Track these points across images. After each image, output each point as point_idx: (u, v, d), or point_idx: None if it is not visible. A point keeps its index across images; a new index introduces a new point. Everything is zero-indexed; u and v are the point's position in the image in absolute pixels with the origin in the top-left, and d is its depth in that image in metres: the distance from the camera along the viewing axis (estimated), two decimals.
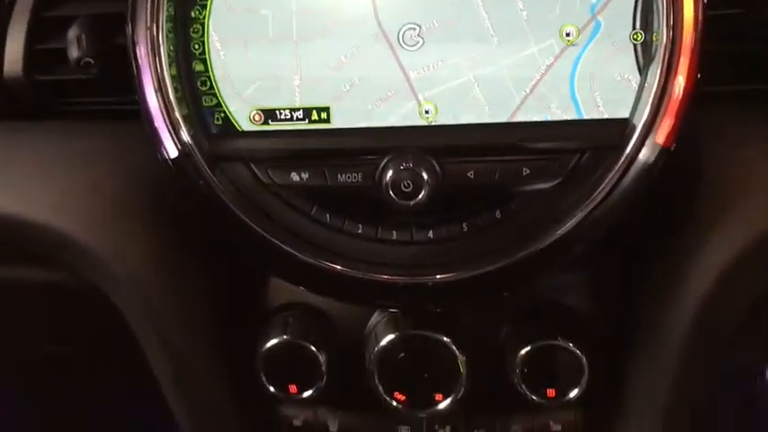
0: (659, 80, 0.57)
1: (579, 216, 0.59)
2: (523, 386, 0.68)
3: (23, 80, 0.70)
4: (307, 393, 0.71)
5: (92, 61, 0.67)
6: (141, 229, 0.67)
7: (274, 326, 0.72)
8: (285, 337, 0.70)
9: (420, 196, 0.59)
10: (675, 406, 0.69)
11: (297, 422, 0.78)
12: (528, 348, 0.67)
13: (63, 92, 0.72)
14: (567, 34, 0.59)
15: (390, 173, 0.59)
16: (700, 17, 0.57)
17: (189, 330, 0.71)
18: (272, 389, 0.71)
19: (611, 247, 0.64)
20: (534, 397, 0.68)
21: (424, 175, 0.58)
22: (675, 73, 0.57)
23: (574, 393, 0.68)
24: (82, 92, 0.71)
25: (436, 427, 0.75)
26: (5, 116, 0.73)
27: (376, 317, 0.72)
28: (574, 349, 0.67)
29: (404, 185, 0.59)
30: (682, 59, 0.57)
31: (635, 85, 0.59)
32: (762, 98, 0.66)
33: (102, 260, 0.66)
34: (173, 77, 0.61)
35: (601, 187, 0.59)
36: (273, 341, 0.70)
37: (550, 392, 0.68)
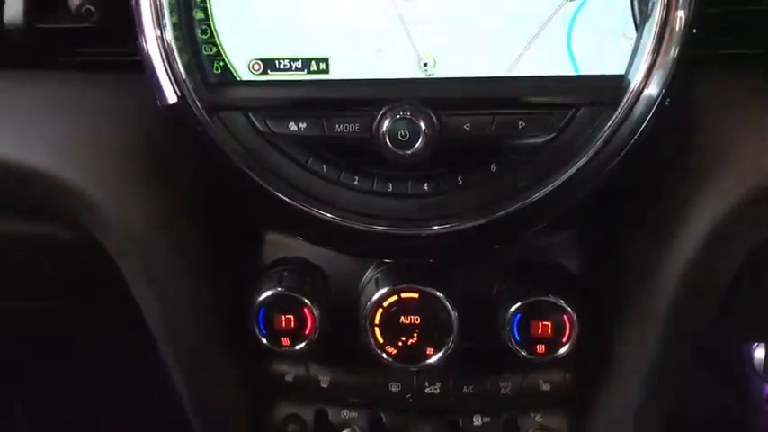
0: (655, 37, 0.58)
1: (573, 170, 0.60)
2: (514, 342, 0.69)
3: (23, 28, 0.70)
4: (299, 346, 0.72)
5: (92, 8, 0.67)
6: (139, 178, 0.68)
7: (269, 279, 0.73)
8: (279, 289, 0.71)
9: (417, 146, 0.59)
10: (661, 368, 0.70)
11: (288, 378, 0.79)
12: (519, 304, 0.68)
13: (63, 41, 0.72)
14: None
15: (387, 122, 0.60)
16: None
17: (183, 283, 0.71)
18: (265, 341, 0.72)
19: (603, 203, 0.65)
20: (524, 353, 0.69)
21: (422, 125, 0.59)
22: (671, 30, 0.58)
23: (564, 350, 0.69)
24: (82, 41, 0.71)
25: (426, 383, 0.76)
26: (5, 65, 0.73)
27: (370, 272, 0.73)
28: (565, 306, 0.68)
29: (401, 135, 0.59)
30: (678, 15, 0.57)
31: (631, 42, 0.60)
32: (753, 61, 0.67)
33: (98, 207, 0.66)
34: (174, 25, 0.61)
35: (595, 142, 0.60)
36: (268, 293, 0.71)
37: (540, 348, 0.69)
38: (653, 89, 0.59)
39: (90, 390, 1.41)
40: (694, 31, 0.58)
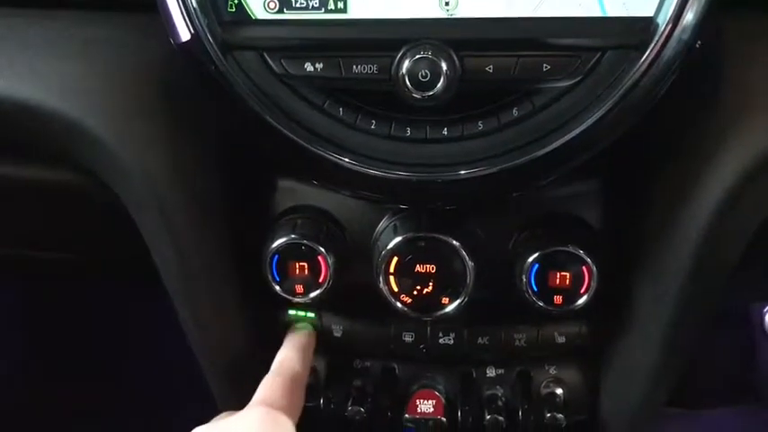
0: None
1: (597, 115, 0.58)
2: (531, 292, 0.68)
3: None
4: (313, 294, 0.71)
5: None
6: (152, 119, 0.66)
7: (283, 226, 0.71)
8: (293, 236, 0.70)
9: (437, 88, 0.57)
10: (678, 324, 0.69)
11: None
12: (537, 254, 0.67)
13: None
14: None
15: (407, 63, 0.58)
16: None
17: (197, 227, 0.70)
18: (278, 289, 0.71)
19: (626, 154, 0.63)
20: (541, 303, 0.68)
21: (443, 66, 0.57)
22: None
23: (581, 301, 0.68)
24: None
25: (440, 334, 0.75)
26: (15, 4, 0.71)
27: (385, 221, 0.72)
28: (584, 257, 0.66)
29: (421, 75, 0.57)
30: None
31: None
32: None
33: (111, 149, 0.65)
34: None
35: (621, 86, 0.57)
36: (281, 240, 0.70)
37: (558, 299, 0.68)
38: (682, 32, 0.56)
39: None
40: None
